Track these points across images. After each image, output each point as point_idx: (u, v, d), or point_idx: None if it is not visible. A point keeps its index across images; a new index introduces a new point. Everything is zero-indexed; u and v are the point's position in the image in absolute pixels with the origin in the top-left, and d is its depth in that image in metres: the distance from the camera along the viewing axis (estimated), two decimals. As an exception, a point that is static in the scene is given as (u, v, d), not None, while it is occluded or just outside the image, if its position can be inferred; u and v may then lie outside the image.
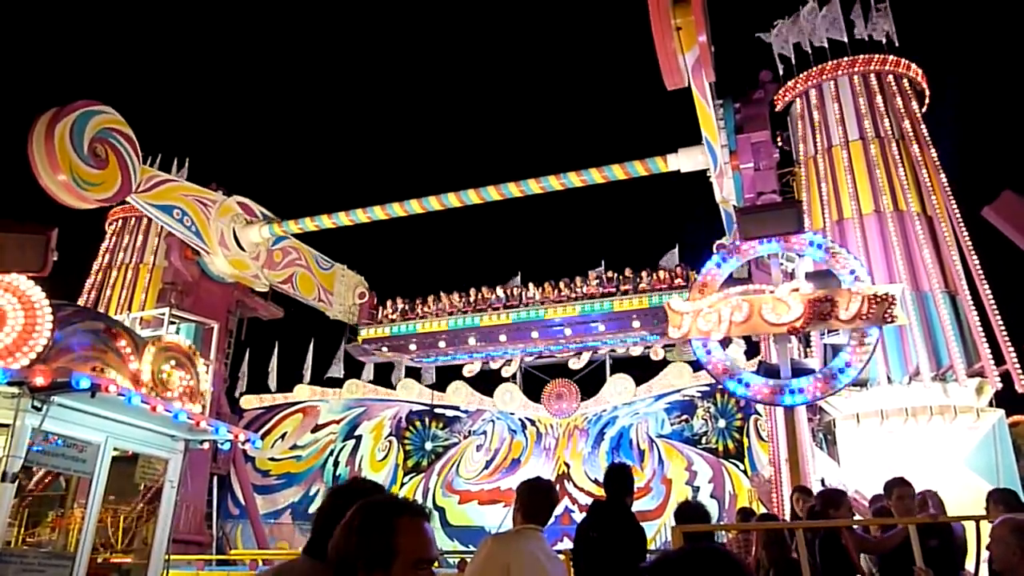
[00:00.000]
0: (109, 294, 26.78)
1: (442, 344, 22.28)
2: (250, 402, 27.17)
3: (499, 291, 22.38)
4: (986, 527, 5.05)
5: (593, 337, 22.20)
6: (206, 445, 8.76)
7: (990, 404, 17.43)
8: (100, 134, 14.91)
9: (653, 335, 21.88)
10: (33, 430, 6.61)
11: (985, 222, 14.26)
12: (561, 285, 21.76)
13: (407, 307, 23.03)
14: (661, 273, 21.09)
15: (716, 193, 17.38)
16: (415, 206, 18.24)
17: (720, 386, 16.36)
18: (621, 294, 21.06)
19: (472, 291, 22.55)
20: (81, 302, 25.15)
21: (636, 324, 20.93)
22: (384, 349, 23.13)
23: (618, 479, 5.88)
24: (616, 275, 21.43)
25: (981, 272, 18.10)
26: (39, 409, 6.59)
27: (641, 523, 5.75)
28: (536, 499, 4.40)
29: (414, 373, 26.38)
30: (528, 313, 21.58)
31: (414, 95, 57.50)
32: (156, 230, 27.58)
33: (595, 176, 16.89)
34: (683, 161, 16.61)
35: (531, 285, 22.19)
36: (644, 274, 21.22)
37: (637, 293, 20.85)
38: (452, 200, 17.98)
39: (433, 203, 18.09)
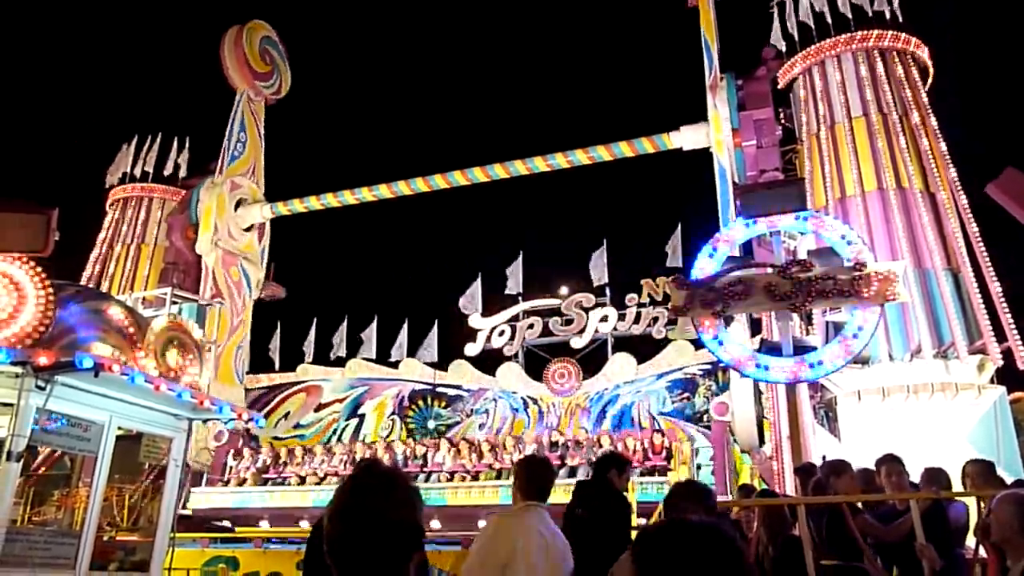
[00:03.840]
0: (111, 274, 26.78)
1: None
2: (253, 382, 27.22)
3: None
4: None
5: None
6: (210, 424, 8.79)
7: (992, 381, 17.46)
8: (265, 43, 21.02)
9: None
10: (37, 410, 6.64)
11: (988, 199, 14.23)
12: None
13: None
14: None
15: (711, 138, 16.43)
16: (421, 184, 18.21)
17: (722, 364, 16.35)
18: None
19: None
20: (83, 282, 25.17)
21: None
22: None
23: (605, 459, 6.11)
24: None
25: (984, 249, 18.07)
26: (43, 389, 6.61)
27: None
28: (537, 476, 4.42)
29: (416, 353, 26.41)
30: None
31: (401, 78, 57.15)
32: (157, 210, 27.57)
33: (603, 153, 16.80)
34: (686, 138, 16.54)
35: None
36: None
37: None
38: (458, 178, 17.93)
39: (439, 181, 18.07)
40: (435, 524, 16.83)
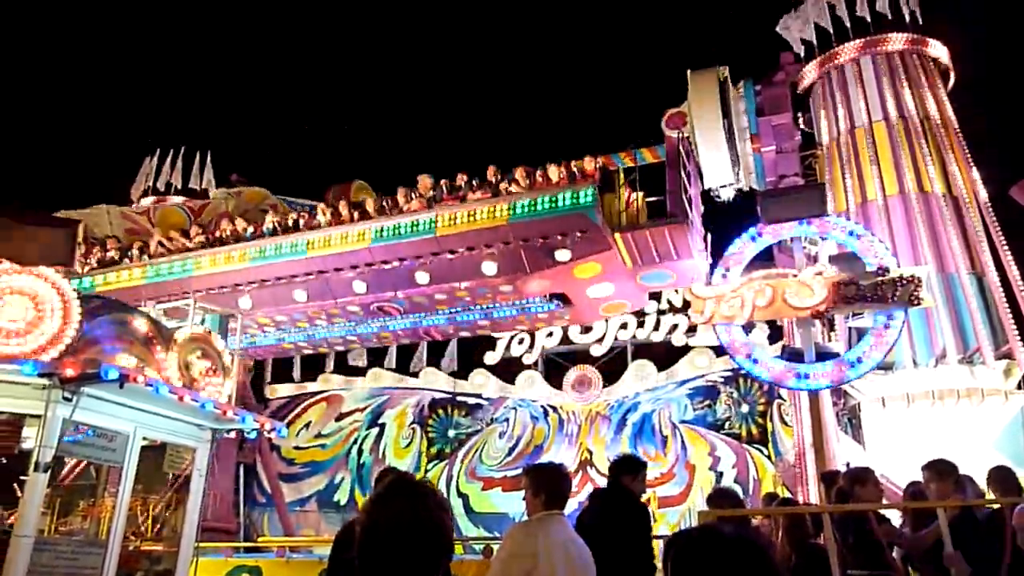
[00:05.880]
0: (134, 286, 27.02)
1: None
2: (275, 391, 27.39)
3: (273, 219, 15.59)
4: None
5: (410, 302, 14.35)
6: (233, 434, 8.86)
7: (1019, 386, 17.22)
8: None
9: (545, 305, 14.32)
10: (64, 421, 6.71)
11: (1012, 202, 14.08)
12: (369, 205, 14.37)
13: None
14: (554, 171, 13.35)
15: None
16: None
17: (742, 370, 16.28)
18: (459, 202, 13.05)
19: (213, 222, 16.26)
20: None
21: (491, 270, 13.19)
22: None
23: (620, 464, 5.92)
24: (470, 180, 13.88)
25: (1008, 253, 17.86)
26: (69, 400, 6.69)
27: (664, 508, 5.73)
28: (555, 484, 4.40)
29: (435, 362, 26.44)
30: (279, 247, 14.35)
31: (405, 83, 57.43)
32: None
33: (624, 160, 16.75)
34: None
35: (321, 208, 15.14)
36: (520, 173, 13.52)
37: (494, 197, 12.93)
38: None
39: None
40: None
